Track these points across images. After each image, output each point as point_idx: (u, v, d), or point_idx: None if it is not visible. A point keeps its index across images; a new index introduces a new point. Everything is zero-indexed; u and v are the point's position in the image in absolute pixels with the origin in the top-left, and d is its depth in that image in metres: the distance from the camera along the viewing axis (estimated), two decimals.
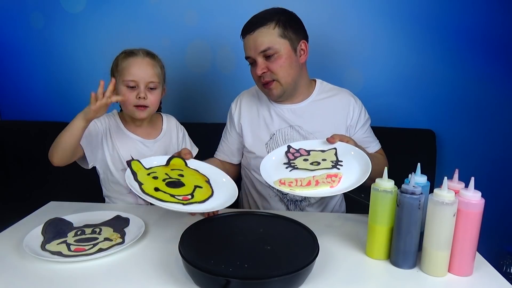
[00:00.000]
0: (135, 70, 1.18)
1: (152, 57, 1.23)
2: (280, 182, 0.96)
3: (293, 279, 0.73)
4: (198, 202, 0.93)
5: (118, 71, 1.20)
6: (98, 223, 1.02)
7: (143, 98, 1.18)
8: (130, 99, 1.19)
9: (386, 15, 1.68)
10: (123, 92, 1.19)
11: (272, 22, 1.16)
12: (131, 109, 1.20)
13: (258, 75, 1.20)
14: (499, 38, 1.66)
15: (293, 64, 1.20)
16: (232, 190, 1.01)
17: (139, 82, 1.18)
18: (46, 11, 1.76)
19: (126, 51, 1.23)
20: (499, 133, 1.74)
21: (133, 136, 1.26)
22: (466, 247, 0.81)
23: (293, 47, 1.20)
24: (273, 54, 1.17)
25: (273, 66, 1.18)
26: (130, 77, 1.18)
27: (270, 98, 1.29)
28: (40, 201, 1.19)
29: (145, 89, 1.19)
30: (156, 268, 0.83)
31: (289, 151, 1.09)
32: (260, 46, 1.17)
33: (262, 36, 1.16)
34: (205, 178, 1.05)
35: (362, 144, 1.25)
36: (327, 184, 0.94)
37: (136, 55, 1.21)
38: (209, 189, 1.00)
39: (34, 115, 1.87)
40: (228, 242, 0.86)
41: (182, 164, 1.09)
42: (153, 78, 1.20)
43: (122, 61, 1.21)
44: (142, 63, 1.20)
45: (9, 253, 0.89)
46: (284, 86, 1.22)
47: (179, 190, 0.97)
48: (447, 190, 0.79)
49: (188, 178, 1.02)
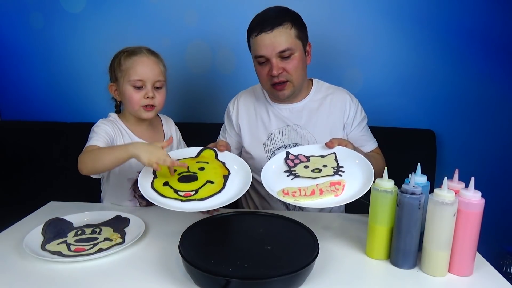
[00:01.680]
0: (141, 69, 1.15)
1: (155, 55, 1.20)
2: (284, 192, 0.95)
3: (293, 279, 0.73)
4: (198, 199, 0.93)
5: (122, 71, 1.16)
6: (98, 223, 1.02)
7: (151, 97, 1.15)
8: (137, 99, 1.15)
9: (386, 14, 1.68)
10: (129, 93, 1.15)
11: (288, 22, 1.15)
12: (138, 109, 1.17)
13: (274, 75, 1.18)
14: (499, 38, 1.66)
15: (304, 65, 1.22)
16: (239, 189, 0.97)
17: (146, 81, 1.15)
18: (46, 11, 1.76)
19: (128, 49, 1.19)
20: (499, 133, 1.74)
21: (141, 141, 1.20)
22: (466, 247, 0.81)
23: (304, 49, 1.21)
24: (290, 55, 1.16)
25: (288, 66, 1.17)
26: (137, 77, 1.14)
27: (279, 98, 1.27)
28: (40, 201, 1.19)
29: (152, 88, 1.16)
30: (156, 268, 0.83)
31: (288, 157, 1.08)
32: (279, 47, 1.15)
33: (280, 36, 1.14)
34: (226, 172, 1.03)
35: (359, 142, 1.25)
36: (332, 192, 0.93)
37: (139, 54, 1.17)
38: (219, 185, 0.98)
39: (34, 115, 1.87)
40: (228, 242, 0.87)
41: (212, 156, 1.08)
42: (160, 77, 1.17)
43: (126, 60, 1.16)
44: (148, 62, 1.16)
45: (9, 253, 0.89)
46: (296, 87, 1.22)
47: (188, 185, 0.96)
48: (447, 190, 0.79)
49: (207, 172, 1.01)
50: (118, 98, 1.22)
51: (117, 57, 1.19)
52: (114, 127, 1.18)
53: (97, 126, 1.16)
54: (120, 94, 1.19)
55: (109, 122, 1.19)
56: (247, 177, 1.00)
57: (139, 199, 1.21)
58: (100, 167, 1.03)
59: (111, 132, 1.16)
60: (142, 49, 1.18)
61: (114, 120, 1.22)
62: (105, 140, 1.12)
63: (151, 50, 1.20)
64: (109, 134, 1.15)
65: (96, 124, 1.18)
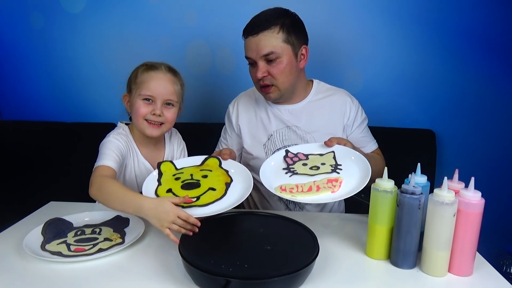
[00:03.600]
0: (154, 85, 1.12)
1: (174, 73, 1.17)
2: (281, 188, 0.96)
3: (293, 279, 0.73)
4: (199, 205, 0.93)
5: (136, 83, 1.14)
6: (98, 223, 1.02)
7: (158, 115, 1.12)
8: (144, 112, 1.12)
9: (386, 15, 1.68)
10: (138, 105, 1.13)
11: (277, 26, 1.15)
12: (142, 122, 1.14)
13: (259, 78, 1.19)
14: (499, 38, 1.66)
15: (292, 69, 1.20)
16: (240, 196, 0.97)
17: (157, 98, 1.12)
18: (46, 11, 1.76)
19: (148, 63, 1.17)
20: (499, 133, 1.74)
21: (146, 163, 1.20)
22: (466, 247, 0.81)
23: (295, 53, 1.19)
24: (275, 58, 1.16)
25: (273, 70, 1.18)
26: (148, 92, 1.12)
27: (267, 100, 1.30)
28: (40, 201, 1.19)
29: (162, 106, 1.13)
30: (156, 268, 0.83)
31: (287, 155, 1.08)
32: (262, 50, 1.15)
33: (265, 39, 1.15)
34: (228, 180, 1.03)
35: (359, 144, 1.25)
36: (328, 189, 0.93)
37: (157, 70, 1.15)
38: (221, 192, 0.98)
39: (34, 115, 1.88)
40: (228, 242, 0.86)
41: (216, 165, 1.08)
42: (172, 96, 1.14)
43: (142, 73, 1.14)
44: (163, 79, 1.14)
45: (9, 253, 0.89)
46: (282, 91, 1.22)
47: (190, 192, 0.97)
48: (447, 190, 0.79)
49: (210, 179, 1.02)
50: (129, 110, 1.20)
51: (136, 69, 1.18)
52: (126, 143, 1.16)
53: (109, 141, 1.12)
54: (131, 106, 1.18)
55: (121, 137, 1.16)
56: (249, 184, 1.00)
57: None
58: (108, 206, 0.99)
59: (123, 148, 1.14)
60: (162, 65, 1.16)
61: (126, 134, 1.19)
62: (117, 160, 1.08)
63: (171, 68, 1.18)
64: (121, 151, 1.12)
65: (108, 137, 1.14)
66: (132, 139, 1.20)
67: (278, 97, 1.24)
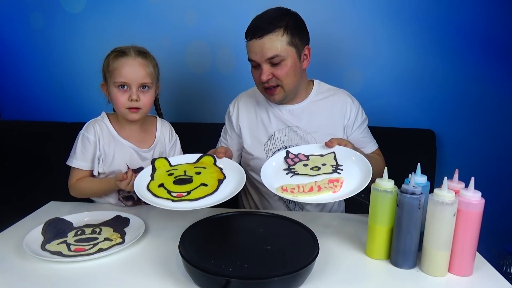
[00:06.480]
0: (126, 72, 1.14)
1: (144, 56, 1.17)
2: (282, 188, 0.96)
3: (293, 279, 0.73)
4: (189, 200, 0.94)
5: (109, 72, 1.16)
6: (98, 223, 1.02)
7: (135, 100, 1.15)
8: (122, 101, 1.15)
9: (386, 15, 1.68)
10: (114, 94, 1.15)
11: (280, 28, 1.14)
12: (124, 111, 1.17)
13: (263, 81, 1.19)
14: (498, 38, 1.66)
15: (297, 71, 1.20)
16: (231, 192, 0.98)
17: (131, 84, 1.14)
18: (46, 11, 1.76)
19: (117, 49, 1.18)
20: (499, 133, 1.74)
21: (126, 143, 1.22)
22: (466, 247, 0.81)
23: (298, 54, 1.19)
24: (279, 61, 1.16)
25: (278, 72, 1.17)
26: (121, 79, 1.14)
27: (271, 102, 1.29)
28: (40, 201, 1.19)
29: (137, 90, 1.15)
30: (156, 268, 0.83)
31: (288, 156, 1.08)
32: (267, 53, 1.14)
33: (270, 43, 1.14)
34: (222, 176, 1.03)
35: (359, 144, 1.25)
36: (330, 189, 0.93)
37: (127, 55, 1.15)
38: (213, 188, 0.98)
39: (34, 115, 1.88)
40: (228, 242, 0.87)
41: (210, 162, 1.09)
42: (145, 79, 1.16)
43: (113, 61, 1.16)
44: (134, 64, 1.15)
45: (9, 253, 0.89)
46: (287, 92, 1.22)
47: (182, 187, 0.97)
48: (447, 190, 0.79)
49: (203, 176, 1.03)
50: (109, 98, 1.22)
51: (107, 57, 1.19)
52: (97, 129, 1.20)
53: (81, 138, 1.20)
54: (109, 94, 1.20)
55: (93, 126, 1.20)
56: (241, 181, 1.00)
57: (123, 200, 1.20)
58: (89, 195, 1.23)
59: (93, 139, 1.18)
60: (131, 49, 1.17)
61: (100, 119, 1.23)
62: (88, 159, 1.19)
63: (141, 51, 1.18)
64: (92, 145, 1.19)
65: (82, 131, 1.20)
66: (108, 124, 1.22)
67: (283, 98, 1.24)
